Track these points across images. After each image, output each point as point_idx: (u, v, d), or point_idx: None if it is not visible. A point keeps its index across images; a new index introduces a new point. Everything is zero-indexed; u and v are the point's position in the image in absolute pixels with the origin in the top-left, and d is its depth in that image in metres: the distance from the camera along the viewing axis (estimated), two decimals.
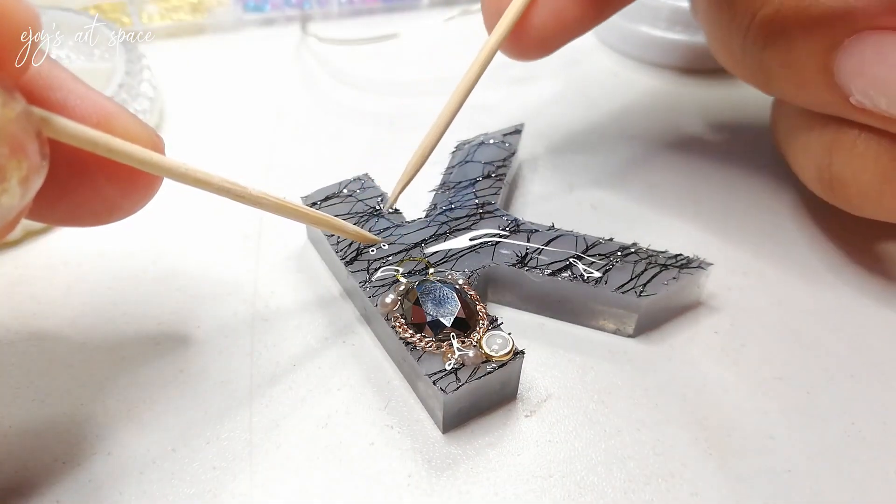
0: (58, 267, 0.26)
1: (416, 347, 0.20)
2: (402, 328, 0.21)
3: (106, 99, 0.17)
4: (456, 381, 0.19)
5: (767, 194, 0.29)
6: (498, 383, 0.21)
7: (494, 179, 0.27)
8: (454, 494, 0.19)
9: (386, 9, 0.43)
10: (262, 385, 0.22)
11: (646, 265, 0.23)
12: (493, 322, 0.21)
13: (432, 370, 0.20)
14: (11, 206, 0.14)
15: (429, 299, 0.21)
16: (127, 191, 0.18)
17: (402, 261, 0.23)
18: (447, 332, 0.20)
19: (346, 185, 0.26)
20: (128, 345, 0.23)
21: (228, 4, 0.41)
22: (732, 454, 0.20)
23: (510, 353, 0.20)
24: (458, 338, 0.20)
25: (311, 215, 0.21)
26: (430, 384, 0.20)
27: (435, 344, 0.20)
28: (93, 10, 0.39)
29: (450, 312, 0.21)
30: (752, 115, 0.34)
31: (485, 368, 0.20)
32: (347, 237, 0.23)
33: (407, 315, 0.21)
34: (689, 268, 0.23)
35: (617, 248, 0.23)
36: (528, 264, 0.23)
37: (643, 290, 0.22)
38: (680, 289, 0.23)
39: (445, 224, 0.24)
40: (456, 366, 0.20)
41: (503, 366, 0.20)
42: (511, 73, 0.37)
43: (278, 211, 0.20)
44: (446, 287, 0.21)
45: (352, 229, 0.23)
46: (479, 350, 0.20)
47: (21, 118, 0.14)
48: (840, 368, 0.23)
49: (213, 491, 0.19)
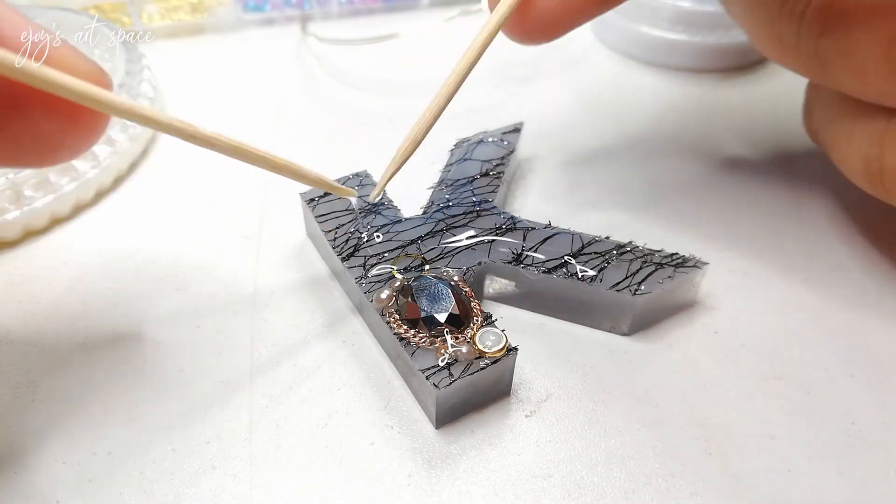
0: (58, 267, 0.26)
1: (411, 343, 0.20)
2: (397, 324, 0.21)
3: (47, 30, 0.16)
4: (449, 376, 0.19)
5: (767, 194, 0.29)
6: (491, 379, 0.21)
7: (492, 177, 0.27)
8: (454, 494, 0.19)
9: (386, 9, 0.43)
10: (262, 385, 0.22)
11: (641, 264, 0.23)
12: (488, 318, 0.21)
13: (426, 365, 0.20)
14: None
15: (423, 295, 0.21)
16: (68, 128, 0.17)
17: (398, 257, 0.23)
18: (441, 328, 0.20)
19: (345, 182, 0.26)
20: (128, 345, 0.23)
21: (228, 4, 0.41)
22: (732, 454, 0.20)
23: (503, 350, 0.20)
24: (452, 334, 0.20)
25: (270, 159, 0.20)
26: (424, 380, 0.20)
27: (429, 340, 0.20)
28: (93, 10, 0.39)
29: (444, 308, 0.21)
30: (753, 115, 0.34)
31: (478, 364, 0.20)
32: (312, 185, 0.22)
33: (402, 311, 0.21)
34: (684, 267, 0.23)
35: (612, 247, 0.24)
36: (524, 261, 0.23)
37: (638, 288, 0.22)
38: (675, 288, 0.23)
39: (442, 221, 0.25)
40: (449, 361, 0.20)
41: (496, 362, 0.20)
42: (511, 73, 0.37)
43: (234, 153, 0.19)
44: (441, 283, 0.21)
45: (314, 175, 0.21)
46: (473, 346, 0.20)
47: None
48: (840, 368, 0.23)
49: (213, 491, 0.19)
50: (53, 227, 0.28)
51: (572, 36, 0.24)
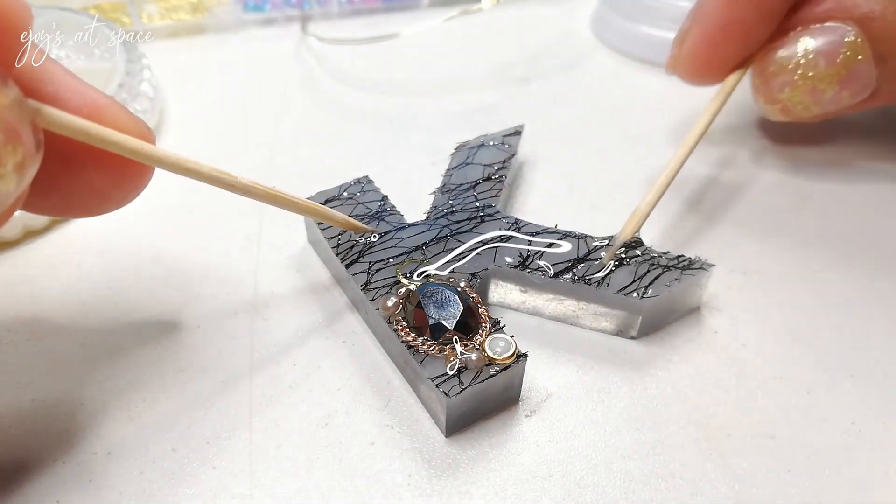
0: (58, 267, 0.26)
1: (419, 351, 0.20)
2: (405, 331, 0.21)
3: (97, 91, 0.18)
4: (459, 384, 0.19)
5: (767, 193, 0.29)
6: (501, 386, 0.21)
7: (495, 181, 0.26)
8: (454, 494, 0.19)
9: (386, 9, 0.43)
10: (262, 384, 0.22)
11: (648, 267, 0.23)
12: (496, 325, 0.21)
13: (435, 374, 0.20)
14: (8, 191, 0.14)
15: (431, 302, 0.21)
16: (117, 181, 0.18)
17: (403, 262, 0.23)
18: (449, 336, 0.20)
19: (347, 188, 0.26)
20: (128, 345, 0.23)
21: (228, 4, 0.41)
22: (732, 454, 0.20)
23: (513, 356, 0.20)
24: (461, 341, 0.20)
25: (301, 204, 0.21)
26: (433, 388, 0.19)
27: (437, 347, 0.20)
28: (93, 10, 0.39)
29: (452, 315, 0.20)
30: (752, 115, 0.34)
31: (488, 371, 0.20)
32: (338, 226, 0.23)
33: (409, 318, 0.21)
34: (691, 269, 0.23)
35: (619, 250, 0.23)
36: (530, 266, 0.23)
37: (646, 291, 0.22)
38: (682, 290, 0.23)
39: (447, 227, 0.24)
40: (459, 369, 0.20)
41: (506, 368, 0.20)
42: (511, 73, 0.37)
43: (268, 200, 0.20)
44: (448, 290, 0.21)
45: (341, 218, 0.23)
46: (482, 353, 0.20)
47: (14, 105, 0.14)
48: (840, 368, 0.23)
49: (213, 491, 0.19)
50: (53, 227, 0.28)
51: (572, 36, 0.24)
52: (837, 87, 0.26)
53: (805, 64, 0.26)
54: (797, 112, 0.27)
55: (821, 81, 0.26)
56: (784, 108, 0.28)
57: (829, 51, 0.26)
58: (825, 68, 0.26)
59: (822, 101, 0.27)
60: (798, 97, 0.27)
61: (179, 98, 0.36)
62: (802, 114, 0.27)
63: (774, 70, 0.27)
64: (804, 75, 0.26)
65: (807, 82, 0.26)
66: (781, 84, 0.27)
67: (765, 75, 0.27)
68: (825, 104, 0.27)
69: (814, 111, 0.27)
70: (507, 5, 0.40)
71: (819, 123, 0.30)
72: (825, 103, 0.27)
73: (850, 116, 0.33)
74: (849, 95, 0.27)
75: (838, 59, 0.26)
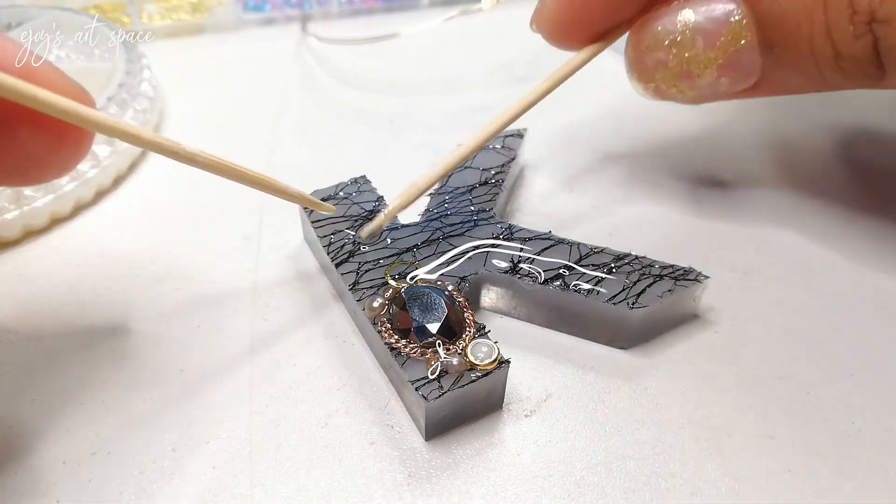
0: (58, 267, 0.26)
1: (401, 353, 0.20)
2: (388, 333, 0.20)
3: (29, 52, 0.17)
4: (439, 388, 0.19)
5: (768, 193, 0.29)
6: (483, 392, 0.20)
7: (491, 186, 0.26)
8: (454, 494, 0.19)
9: (386, 9, 0.43)
10: (262, 385, 0.22)
11: (639, 276, 0.22)
12: (481, 330, 0.21)
13: (416, 377, 0.19)
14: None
15: (416, 305, 0.21)
16: (55, 146, 0.18)
17: (393, 264, 0.23)
18: (433, 339, 0.20)
19: (343, 188, 0.26)
20: (128, 345, 0.23)
21: (228, 4, 0.41)
22: (732, 454, 0.20)
23: (495, 362, 0.20)
24: (444, 345, 0.20)
25: (249, 175, 0.20)
26: (413, 391, 0.19)
27: (420, 350, 0.20)
28: (93, 10, 0.39)
29: (436, 319, 0.20)
30: (752, 115, 0.34)
31: (469, 377, 0.19)
32: (292, 201, 0.22)
33: (393, 320, 0.21)
34: (684, 280, 0.23)
35: (611, 258, 0.23)
36: (520, 272, 0.23)
37: (635, 301, 0.22)
38: (674, 301, 0.22)
39: (440, 230, 0.24)
40: (440, 373, 0.19)
41: (487, 374, 0.20)
42: (511, 74, 0.37)
43: (214, 170, 0.19)
44: (435, 293, 0.21)
45: (296, 192, 0.22)
46: (464, 358, 0.20)
47: None
48: (840, 368, 0.23)
49: (213, 491, 0.19)
50: (53, 227, 0.28)
51: None
52: (715, 74, 0.23)
53: (682, 42, 0.23)
54: (671, 95, 0.25)
55: (697, 65, 0.23)
56: (658, 89, 0.25)
57: (710, 29, 0.23)
58: (703, 50, 0.23)
59: (698, 87, 0.24)
60: (671, 80, 0.24)
61: (179, 98, 0.36)
62: (677, 97, 0.25)
63: (650, 44, 0.24)
64: (679, 55, 0.23)
65: (681, 64, 0.23)
66: (656, 62, 0.24)
67: (639, 49, 0.24)
68: (702, 90, 0.24)
69: (689, 96, 0.25)
70: (507, 5, 0.40)
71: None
72: (701, 89, 0.24)
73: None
74: (728, 83, 0.24)
75: (718, 41, 0.23)
